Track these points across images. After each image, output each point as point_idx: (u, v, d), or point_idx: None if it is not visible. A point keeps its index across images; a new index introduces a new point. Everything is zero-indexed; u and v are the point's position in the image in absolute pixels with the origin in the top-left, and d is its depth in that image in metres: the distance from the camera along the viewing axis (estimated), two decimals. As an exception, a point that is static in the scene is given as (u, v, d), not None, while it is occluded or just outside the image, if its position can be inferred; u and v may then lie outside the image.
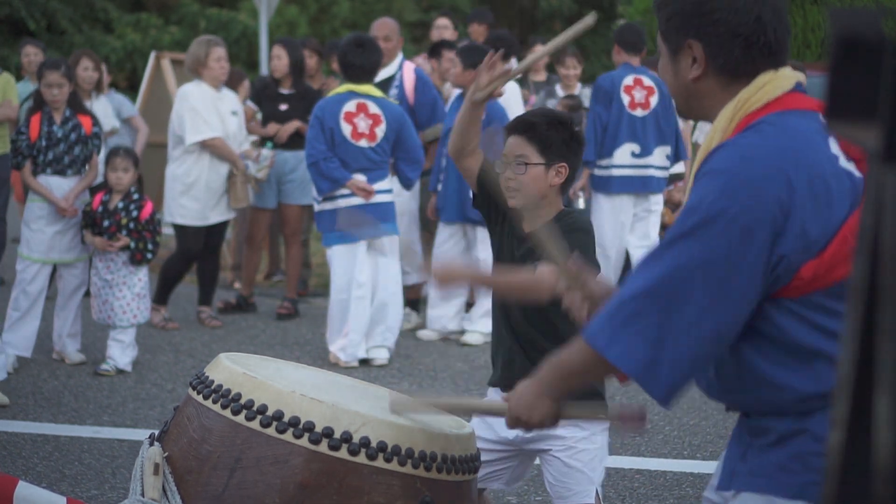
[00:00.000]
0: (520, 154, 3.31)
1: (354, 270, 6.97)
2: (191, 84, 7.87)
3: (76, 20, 21.58)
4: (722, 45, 2.24)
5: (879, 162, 1.04)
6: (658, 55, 2.43)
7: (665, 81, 2.39)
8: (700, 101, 2.32)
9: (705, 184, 2.14)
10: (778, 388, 2.18)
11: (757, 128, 2.19)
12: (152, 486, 2.68)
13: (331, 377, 3.13)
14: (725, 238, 2.08)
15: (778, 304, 2.15)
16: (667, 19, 2.31)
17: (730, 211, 2.08)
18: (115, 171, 6.78)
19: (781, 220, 2.10)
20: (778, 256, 2.10)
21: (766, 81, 2.23)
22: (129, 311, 6.71)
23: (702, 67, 2.27)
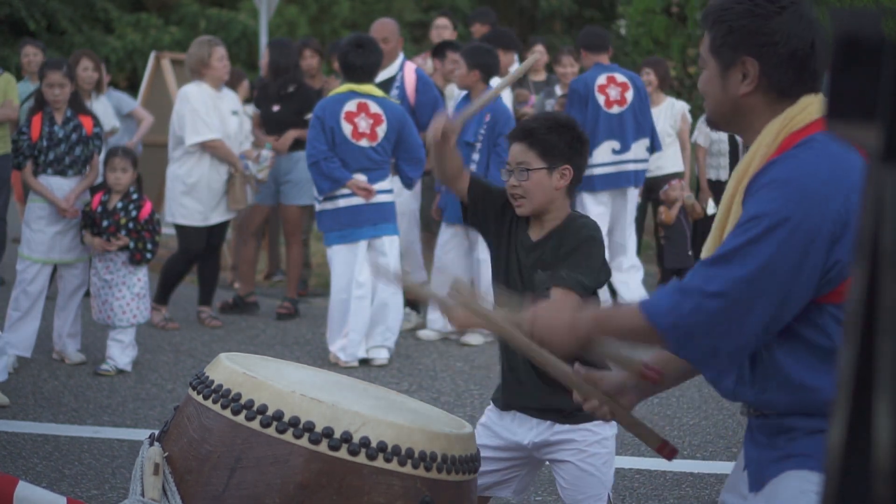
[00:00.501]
0: (521, 161, 3.32)
1: (355, 270, 6.97)
2: (192, 85, 7.86)
3: (76, 20, 21.58)
4: (778, 65, 2.33)
5: (879, 162, 1.04)
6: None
7: (706, 93, 2.45)
8: (744, 117, 2.39)
9: (769, 193, 2.24)
10: (811, 391, 2.28)
11: (810, 145, 2.28)
12: (152, 486, 2.68)
13: (331, 377, 3.13)
14: (790, 244, 2.20)
15: (821, 308, 2.26)
16: (724, 34, 2.37)
17: (794, 217, 2.19)
18: (113, 172, 6.78)
19: (840, 230, 2.21)
20: (833, 261, 2.21)
21: (809, 103, 2.34)
22: (129, 312, 6.71)
23: (753, 84, 2.35)
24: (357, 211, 6.94)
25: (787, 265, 2.20)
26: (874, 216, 1.05)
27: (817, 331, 2.27)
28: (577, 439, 3.33)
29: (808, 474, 2.29)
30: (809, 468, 2.29)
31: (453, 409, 6.02)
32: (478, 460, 2.88)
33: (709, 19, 2.42)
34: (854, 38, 1.09)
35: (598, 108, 8.24)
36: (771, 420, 2.34)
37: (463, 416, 5.77)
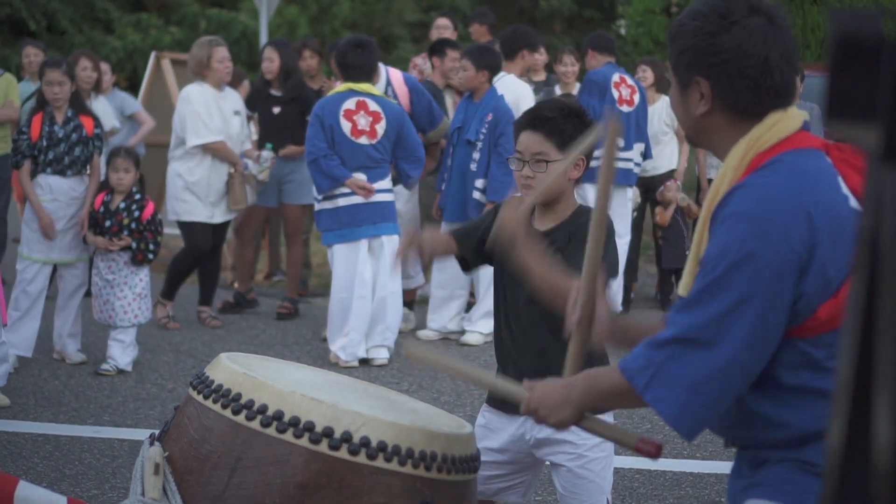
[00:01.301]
0: (539, 151, 3.25)
1: (356, 269, 6.97)
2: (193, 85, 7.86)
3: (76, 20, 21.58)
4: (729, 84, 2.25)
5: (879, 162, 1.04)
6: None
7: (675, 113, 2.40)
8: (708, 136, 2.33)
9: (730, 227, 2.15)
10: (774, 426, 2.21)
11: (772, 167, 2.20)
12: (153, 486, 2.68)
13: (331, 377, 3.13)
14: (758, 280, 2.11)
15: (788, 343, 2.17)
16: (677, 54, 2.31)
17: (759, 253, 2.11)
18: (116, 172, 6.78)
19: (806, 258, 2.13)
20: (799, 293, 2.13)
21: (776, 121, 2.25)
22: (130, 311, 6.71)
23: (709, 104, 2.28)
24: (357, 210, 6.94)
25: (759, 303, 2.11)
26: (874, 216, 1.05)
27: (784, 367, 2.19)
28: (577, 442, 3.29)
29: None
30: (772, 499, 2.24)
31: (453, 409, 6.02)
32: (478, 460, 2.87)
33: (668, 37, 2.36)
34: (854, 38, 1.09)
35: (613, 103, 8.33)
36: (750, 452, 2.31)
37: (463, 416, 5.77)
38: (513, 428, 3.36)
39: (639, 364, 2.21)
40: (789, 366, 2.18)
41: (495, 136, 7.40)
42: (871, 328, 1.05)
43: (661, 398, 2.18)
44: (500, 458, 3.39)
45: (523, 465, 3.42)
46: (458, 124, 7.55)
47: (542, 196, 3.22)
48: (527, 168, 3.27)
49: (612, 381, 2.29)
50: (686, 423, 2.19)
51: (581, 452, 3.30)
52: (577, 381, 2.40)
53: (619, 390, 2.27)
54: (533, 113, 3.35)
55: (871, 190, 1.06)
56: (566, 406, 2.39)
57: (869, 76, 1.07)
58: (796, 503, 2.22)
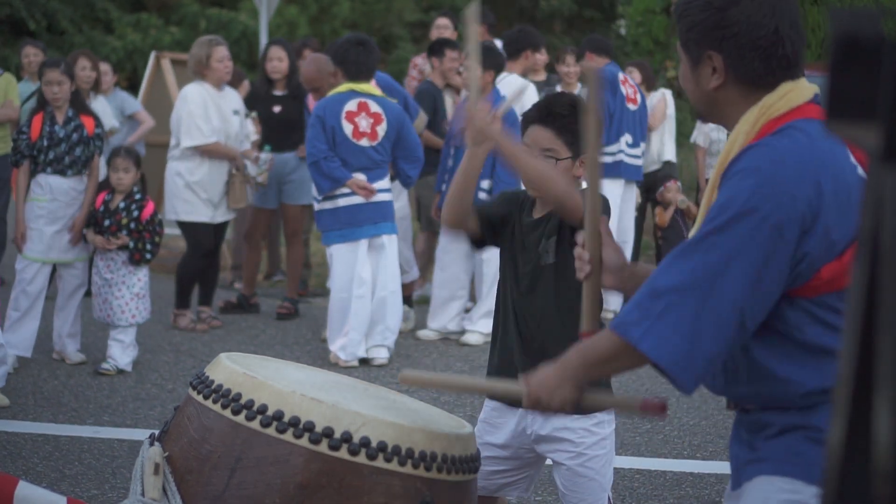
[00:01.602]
0: (549, 148, 3.25)
1: (356, 269, 6.97)
2: (192, 85, 7.85)
3: (76, 20, 21.58)
4: (741, 56, 2.29)
5: (879, 162, 1.04)
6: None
7: (686, 89, 2.43)
8: (721, 109, 2.36)
9: (737, 182, 2.19)
10: (783, 382, 2.23)
11: (786, 132, 2.24)
12: (153, 486, 2.68)
13: (331, 377, 3.13)
14: (757, 234, 2.15)
15: (792, 301, 2.21)
16: (686, 30, 2.35)
17: (762, 208, 2.14)
18: (115, 172, 6.79)
19: (810, 220, 2.16)
20: (802, 253, 2.17)
21: (788, 90, 2.29)
22: (128, 311, 6.72)
23: (722, 78, 2.32)
24: (357, 210, 6.94)
25: (755, 256, 2.15)
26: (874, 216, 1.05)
27: (789, 325, 2.22)
28: (576, 440, 3.29)
29: (776, 480, 2.26)
30: (778, 473, 2.26)
31: (453, 409, 6.03)
32: (478, 460, 2.88)
33: (676, 15, 2.40)
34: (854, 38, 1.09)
35: (623, 100, 8.46)
36: (752, 415, 2.32)
37: (463, 416, 5.77)
38: (514, 422, 3.36)
39: (633, 317, 2.21)
40: (794, 323, 2.22)
41: None
42: (871, 328, 1.05)
43: (658, 346, 2.18)
44: (502, 454, 3.39)
45: (525, 460, 3.42)
46: (460, 125, 7.54)
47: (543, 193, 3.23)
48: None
49: (605, 344, 2.30)
50: (686, 372, 2.19)
51: (581, 451, 3.30)
52: (570, 357, 2.41)
53: (614, 351, 2.27)
54: (546, 108, 3.32)
55: (871, 190, 1.06)
56: (564, 384, 2.39)
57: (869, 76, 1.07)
58: (803, 475, 2.23)
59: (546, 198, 3.19)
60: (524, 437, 3.36)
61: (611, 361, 2.33)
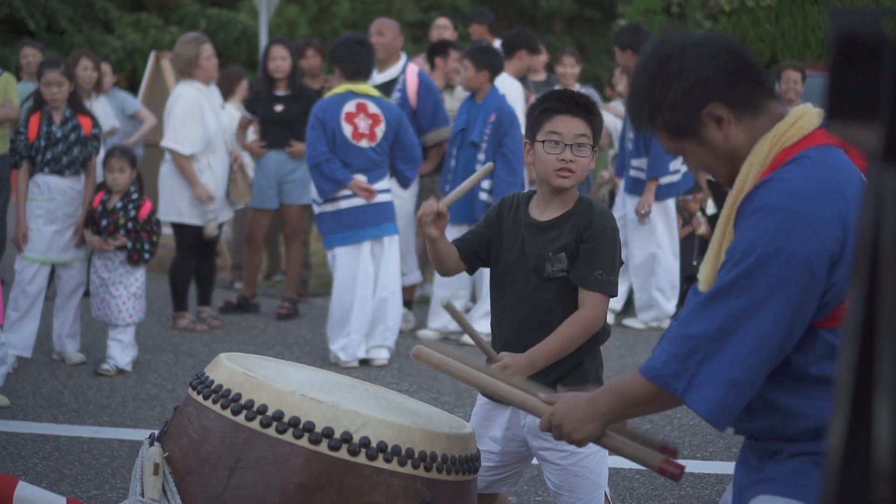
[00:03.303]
0: (583, 134, 3.28)
1: (358, 270, 6.97)
2: (185, 86, 7.80)
3: (76, 20, 21.57)
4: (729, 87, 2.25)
5: (879, 162, 1.04)
6: None
7: (708, 168, 2.36)
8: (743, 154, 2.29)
9: (759, 220, 2.15)
10: (800, 418, 2.22)
11: (800, 162, 2.20)
12: (152, 486, 2.68)
13: (331, 377, 3.12)
14: (787, 273, 2.12)
15: (814, 333, 2.19)
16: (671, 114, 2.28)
17: (788, 246, 2.12)
18: (111, 172, 6.78)
19: (838, 252, 2.13)
20: (830, 284, 2.14)
21: (799, 116, 2.26)
22: (125, 311, 6.71)
23: (730, 119, 2.26)
24: (359, 211, 6.93)
25: (789, 296, 2.12)
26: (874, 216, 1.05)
27: (807, 357, 2.20)
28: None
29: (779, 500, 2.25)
30: (782, 494, 2.25)
31: (453, 409, 6.02)
32: (478, 460, 2.87)
33: (643, 119, 2.34)
34: (854, 38, 1.09)
35: None
36: (763, 443, 2.31)
37: (463, 416, 5.76)
38: (507, 415, 3.37)
39: (671, 369, 2.21)
40: (813, 356, 2.20)
41: (499, 136, 7.40)
42: (871, 328, 1.05)
43: (703, 398, 2.19)
44: (494, 448, 3.39)
45: (517, 455, 3.43)
46: (461, 126, 7.54)
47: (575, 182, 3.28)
48: (568, 151, 3.25)
49: (639, 388, 2.28)
50: (723, 417, 2.21)
51: (574, 450, 3.28)
52: (602, 395, 2.40)
53: (648, 397, 2.27)
54: (571, 99, 3.33)
55: (871, 190, 1.06)
56: (592, 421, 2.39)
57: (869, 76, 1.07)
58: (807, 498, 2.22)
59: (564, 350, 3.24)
60: (517, 429, 3.36)
61: (644, 406, 2.34)
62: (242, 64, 19.97)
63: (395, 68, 8.05)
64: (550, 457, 3.33)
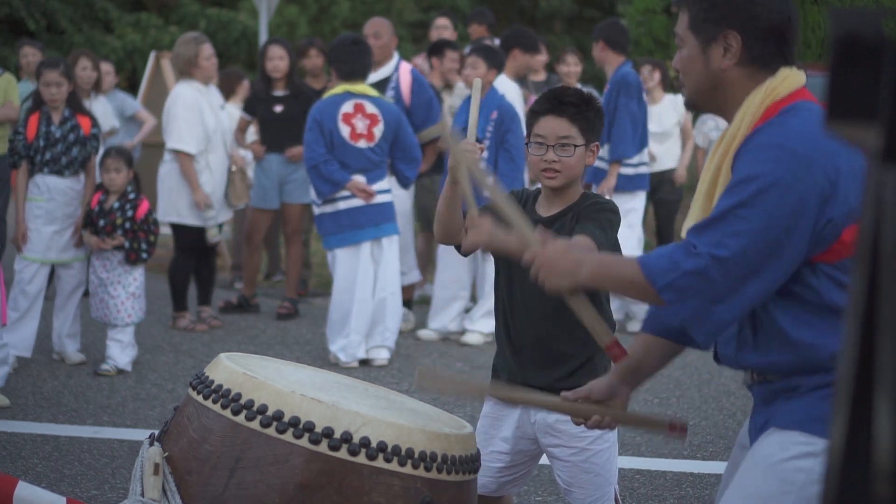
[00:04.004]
0: (565, 136, 3.28)
1: (358, 271, 6.97)
2: (184, 86, 7.80)
3: (76, 20, 21.56)
4: (760, 38, 2.41)
5: (879, 162, 1.04)
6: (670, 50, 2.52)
7: (687, 72, 2.50)
8: (725, 91, 2.45)
9: (757, 156, 2.30)
10: (810, 348, 2.33)
11: (794, 112, 2.36)
12: (152, 486, 2.68)
13: (331, 377, 3.13)
14: (782, 205, 2.26)
15: (815, 267, 2.32)
16: (706, 10, 2.44)
17: (785, 180, 2.26)
18: (107, 173, 6.78)
19: (829, 190, 2.27)
20: (826, 220, 2.28)
21: (787, 74, 2.41)
22: (124, 310, 6.71)
23: (735, 58, 2.42)
24: (358, 212, 6.93)
25: (779, 227, 2.26)
26: (874, 216, 1.05)
27: (811, 290, 2.32)
28: (579, 434, 3.26)
29: (793, 434, 2.34)
30: (795, 428, 2.34)
31: (453, 409, 6.02)
32: (478, 460, 2.87)
33: None
34: (854, 38, 1.09)
35: (645, 105, 8.12)
36: (775, 384, 2.39)
37: (463, 416, 5.76)
38: (517, 414, 3.36)
39: (663, 265, 2.33)
40: (817, 288, 2.32)
41: (501, 132, 7.42)
42: (871, 328, 1.05)
43: (677, 301, 2.32)
44: (505, 448, 3.38)
45: (528, 454, 3.42)
46: (462, 125, 7.54)
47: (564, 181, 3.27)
48: (551, 152, 3.27)
49: (627, 271, 2.40)
50: (701, 328, 2.34)
51: (584, 446, 3.29)
52: (589, 261, 2.49)
53: (631, 281, 2.38)
54: (556, 98, 3.35)
55: (871, 190, 1.06)
56: (568, 277, 2.48)
57: (869, 76, 1.07)
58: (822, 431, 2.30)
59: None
60: (527, 426, 3.36)
61: (623, 286, 2.47)
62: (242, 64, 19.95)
63: (387, 67, 8.05)
64: (560, 454, 3.33)
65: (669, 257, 2.33)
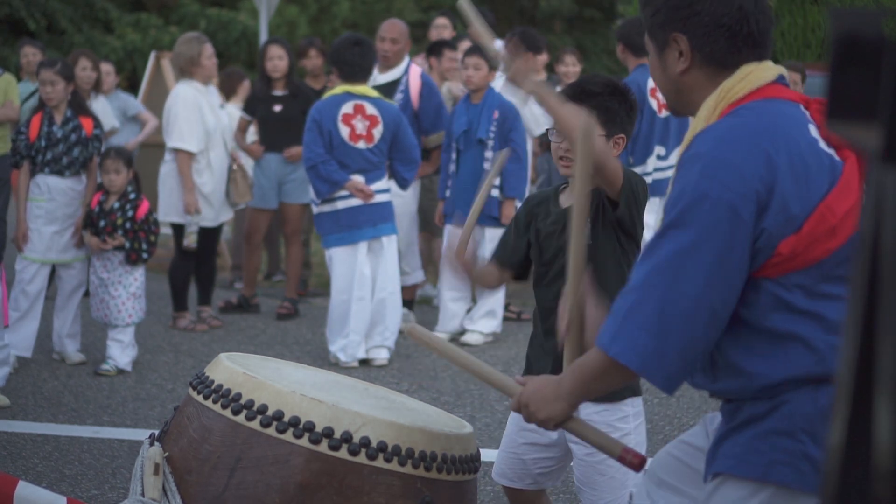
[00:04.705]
0: None
1: (356, 271, 6.97)
2: (184, 85, 7.80)
3: (76, 20, 21.57)
4: (706, 35, 2.27)
5: (879, 162, 1.04)
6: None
7: (654, 79, 2.41)
8: (689, 95, 2.33)
9: (686, 170, 2.17)
10: (748, 376, 2.20)
11: (736, 112, 2.22)
12: (152, 486, 2.68)
13: (331, 377, 3.13)
14: (712, 219, 2.11)
15: (757, 284, 2.16)
16: (651, 15, 2.34)
17: (712, 192, 2.11)
18: (107, 174, 6.78)
19: (765, 196, 2.12)
20: (760, 230, 2.13)
21: (748, 72, 2.26)
22: (125, 311, 6.71)
23: (688, 61, 2.29)
24: (357, 212, 6.93)
25: (716, 242, 2.11)
26: (874, 216, 1.05)
27: (755, 311, 2.17)
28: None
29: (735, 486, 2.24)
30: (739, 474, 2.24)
31: (453, 409, 6.02)
32: (478, 460, 2.87)
33: (641, 2, 2.39)
34: (854, 38, 1.09)
35: (652, 113, 7.78)
36: (731, 405, 2.29)
37: (463, 416, 5.76)
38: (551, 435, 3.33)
39: (607, 325, 2.20)
40: (759, 310, 2.17)
41: (504, 132, 7.42)
42: (871, 328, 1.05)
43: (627, 349, 2.15)
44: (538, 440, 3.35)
45: (561, 447, 3.38)
46: (463, 127, 7.52)
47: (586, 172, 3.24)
48: (566, 141, 3.22)
49: (593, 360, 2.28)
50: (657, 370, 2.16)
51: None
52: (566, 375, 2.39)
53: (600, 366, 2.25)
54: (578, 87, 3.30)
55: (871, 190, 1.06)
56: (557, 401, 2.37)
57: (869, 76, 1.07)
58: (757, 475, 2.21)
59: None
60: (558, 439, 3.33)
61: (601, 378, 2.30)
62: (242, 64, 19.95)
63: (397, 69, 8.05)
64: (577, 451, 3.31)
65: (612, 314, 2.19)
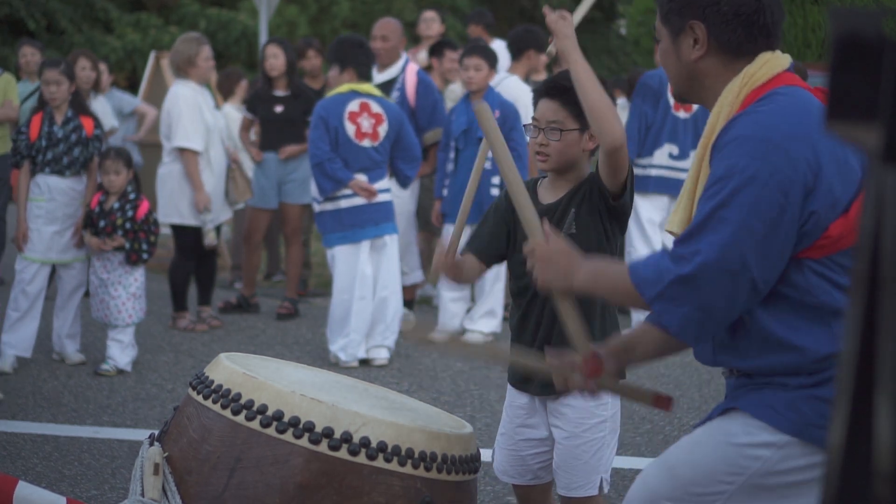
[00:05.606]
0: (554, 120, 3.24)
1: (357, 270, 6.97)
2: (181, 85, 7.80)
3: (76, 20, 21.57)
4: (725, 24, 2.33)
5: (879, 162, 1.04)
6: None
7: (665, 66, 2.45)
8: (701, 82, 2.38)
9: (732, 151, 2.21)
10: (796, 350, 2.25)
11: (771, 98, 2.27)
12: (152, 486, 2.68)
13: (331, 377, 3.13)
14: (762, 202, 2.17)
15: (800, 264, 2.23)
16: (669, 0, 2.38)
17: (762, 174, 2.17)
18: (107, 175, 6.77)
19: (811, 179, 2.18)
20: (808, 213, 2.19)
21: (767, 59, 2.33)
22: (125, 311, 6.71)
23: (703, 48, 2.35)
24: (360, 211, 6.94)
25: (763, 224, 2.17)
26: (874, 216, 1.05)
27: (797, 288, 2.23)
28: (574, 419, 3.26)
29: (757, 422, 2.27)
30: (763, 418, 2.27)
31: (453, 409, 6.02)
32: (478, 460, 2.87)
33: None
34: (854, 38, 1.09)
35: (667, 109, 7.84)
36: (755, 379, 2.33)
37: (463, 416, 5.76)
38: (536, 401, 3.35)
39: (650, 275, 2.27)
40: (804, 287, 2.24)
41: (505, 130, 7.41)
42: (871, 328, 1.05)
43: (668, 311, 2.25)
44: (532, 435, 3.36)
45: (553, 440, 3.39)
46: (463, 126, 7.52)
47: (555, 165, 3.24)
48: (542, 135, 3.24)
49: (619, 280, 2.35)
50: (692, 334, 2.27)
51: (578, 432, 3.28)
52: (583, 269, 2.45)
53: (623, 290, 2.34)
54: (551, 82, 3.33)
55: (871, 190, 1.06)
56: (563, 278, 2.46)
57: (870, 76, 1.07)
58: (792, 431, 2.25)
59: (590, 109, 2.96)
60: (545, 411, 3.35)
61: (615, 295, 2.43)
62: (242, 64, 19.95)
63: (394, 68, 8.06)
64: (557, 435, 3.32)
65: (656, 266, 2.27)
